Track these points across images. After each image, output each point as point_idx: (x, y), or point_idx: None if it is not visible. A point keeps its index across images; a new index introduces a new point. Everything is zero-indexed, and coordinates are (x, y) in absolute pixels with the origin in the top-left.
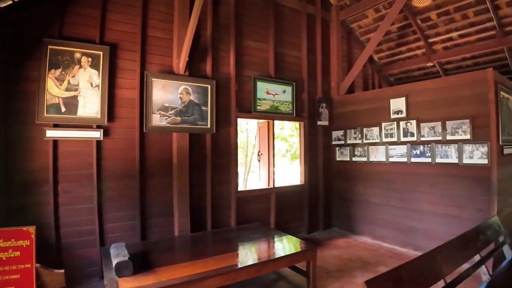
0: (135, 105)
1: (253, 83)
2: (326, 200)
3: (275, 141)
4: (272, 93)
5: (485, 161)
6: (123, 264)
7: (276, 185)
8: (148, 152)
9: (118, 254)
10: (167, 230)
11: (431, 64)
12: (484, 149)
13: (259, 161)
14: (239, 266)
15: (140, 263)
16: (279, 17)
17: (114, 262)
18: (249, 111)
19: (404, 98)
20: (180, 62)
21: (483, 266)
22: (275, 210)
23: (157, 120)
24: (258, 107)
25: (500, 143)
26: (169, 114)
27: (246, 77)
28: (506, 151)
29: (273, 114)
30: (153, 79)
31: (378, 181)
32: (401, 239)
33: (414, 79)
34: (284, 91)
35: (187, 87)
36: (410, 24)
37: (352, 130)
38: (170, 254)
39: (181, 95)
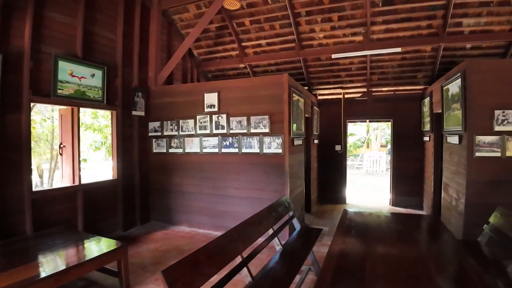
0: None
1: (54, 62)
2: (143, 193)
3: (86, 132)
4: (78, 76)
5: (280, 151)
6: None
7: (84, 182)
8: None
9: None
10: None
11: (243, 65)
12: (279, 140)
13: (61, 154)
14: (34, 279)
15: None
16: None
17: None
18: (48, 95)
19: (216, 94)
20: None
21: (276, 238)
22: (83, 210)
23: None
24: (59, 91)
25: (291, 136)
26: None
27: (45, 54)
28: (296, 142)
29: (78, 101)
30: None
31: (193, 171)
32: (215, 223)
33: (229, 78)
34: (93, 75)
35: None
36: (227, 26)
37: (169, 122)
38: None
39: None
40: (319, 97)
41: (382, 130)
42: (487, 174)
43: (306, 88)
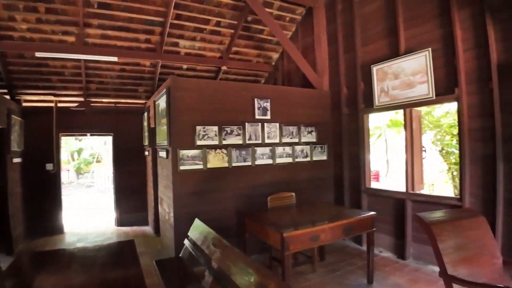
0: None
1: None
2: None
3: None
4: None
5: None
6: None
7: None
8: None
9: None
10: None
11: None
12: None
13: None
14: None
15: None
16: None
17: None
18: None
19: None
20: None
21: None
22: None
23: None
24: None
25: None
26: None
27: None
28: None
29: None
30: None
31: None
32: None
33: None
34: None
35: None
36: None
37: None
38: None
39: None
40: (25, 104)
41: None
42: (191, 186)
43: (5, 91)
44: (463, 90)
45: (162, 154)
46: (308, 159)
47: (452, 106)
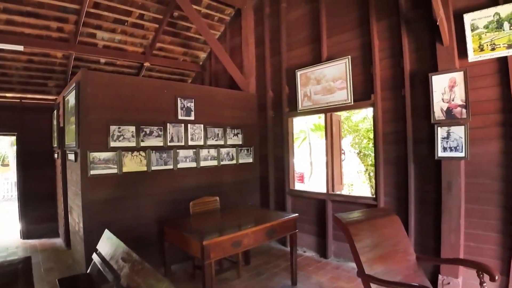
0: None
1: None
2: None
3: None
4: None
5: None
6: None
7: None
8: None
9: None
10: None
11: None
12: None
13: None
14: None
15: None
16: None
17: None
18: None
19: None
20: None
21: None
22: None
23: None
24: None
25: None
26: None
27: None
28: None
29: None
30: None
31: None
32: None
33: None
34: None
35: None
36: None
37: None
38: None
39: None
40: None
41: None
42: (104, 193)
43: None
44: (378, 96)
45: (71, 156)
46: (234, 161)
47: (369, 112)
